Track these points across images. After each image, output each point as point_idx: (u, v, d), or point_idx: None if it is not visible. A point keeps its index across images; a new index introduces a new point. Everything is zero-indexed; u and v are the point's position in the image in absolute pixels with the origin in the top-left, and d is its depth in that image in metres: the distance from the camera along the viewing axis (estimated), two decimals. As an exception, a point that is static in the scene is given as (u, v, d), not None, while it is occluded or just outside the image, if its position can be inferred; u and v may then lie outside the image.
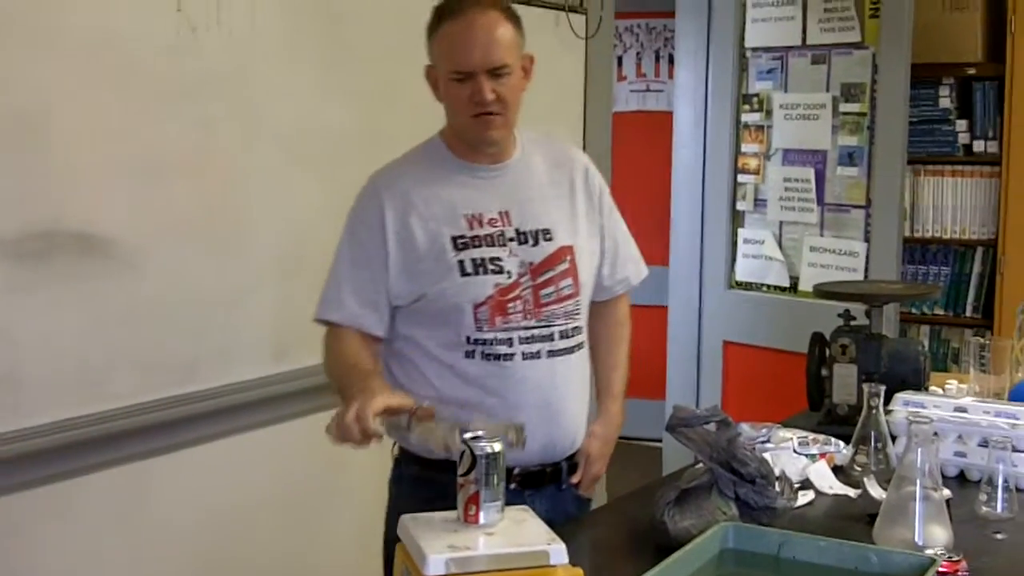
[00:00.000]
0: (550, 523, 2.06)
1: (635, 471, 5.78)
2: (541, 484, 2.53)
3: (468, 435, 1.97)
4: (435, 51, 2.46)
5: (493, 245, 2.45)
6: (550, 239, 2.51)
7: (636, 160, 6.31)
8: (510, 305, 2.44)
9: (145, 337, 3.02)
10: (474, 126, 2.44)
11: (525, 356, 2.46)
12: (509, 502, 2.00)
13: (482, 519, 1.93)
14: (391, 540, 2.26)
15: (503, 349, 2.45)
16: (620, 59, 6.87)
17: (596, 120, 4.78)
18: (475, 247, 2.44)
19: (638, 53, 6.91)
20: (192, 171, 3.12)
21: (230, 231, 3.24)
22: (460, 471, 1.94)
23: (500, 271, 2.44)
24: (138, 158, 2.98)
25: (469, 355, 2.45)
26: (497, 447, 1.94)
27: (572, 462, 2.60)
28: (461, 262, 2.42)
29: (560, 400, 2.53)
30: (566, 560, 1.87)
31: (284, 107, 3.36)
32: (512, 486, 2.32)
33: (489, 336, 2.44)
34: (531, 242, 2.49)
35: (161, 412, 3.05)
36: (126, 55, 2.93)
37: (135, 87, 2.96)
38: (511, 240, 2.47)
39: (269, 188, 3.33)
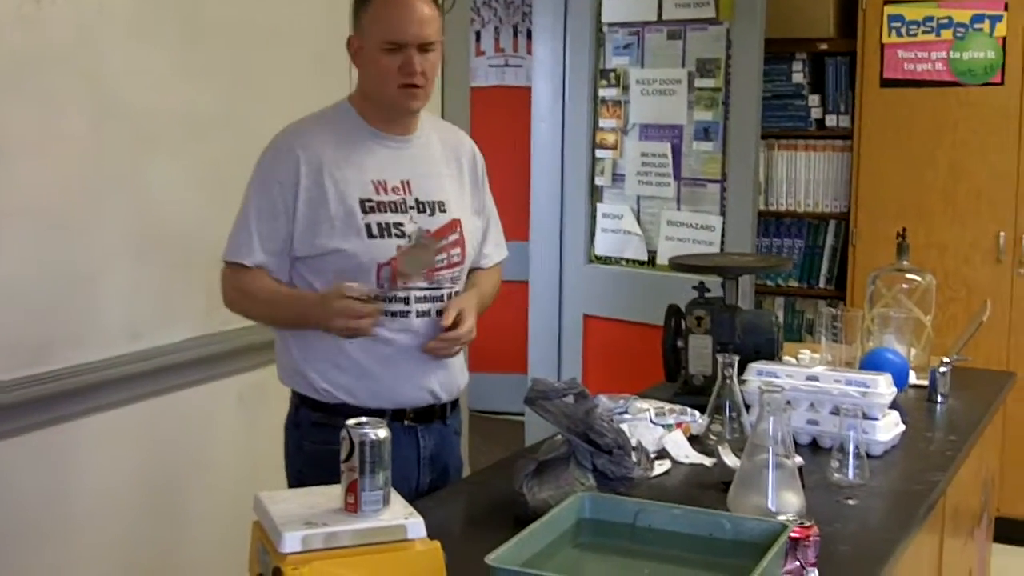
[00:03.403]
0: (436, 455, 2.77)
1: (498, 445, 5.82)
2: (431, 420, 2.77)
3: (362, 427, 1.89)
4: (366, 19, 2.64)
5: (396, 211, 2.66)
6: (444, 211, 2.74)
7: (495, 135, 6.28)
8: None
9: (-7, 318, 2.96)
10: (400, 96, 2.65)
11: (419, 314, 2.69)
12: (401, 439, 2.00)
13: (362, 509, 1.87)
14: (298, 482, 2.54)
15: (399, 307, 2.67)
16: (478, 33, 6.86)
17: (454, 95, 4.76)
18: (380, 212, 2.65)
19: (496, 27, 6.91)
20: (38, 149, 3.04)
21: (81, 211, 3.16)
22: (342, 456, 1.88)
23: (402, 235, 2.65)
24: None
25: None
26: (382, 434, 1.88)
27: (453, 402, 2.84)
28: (368, 225, 2.62)
29: None
30: (424, 534, 1.88)
31: (136, 85, 3.28)
32: (406, 423, 2.69)
33: (388, 294, 2.65)
34: (428, 212, 2.71)
35: (13, 393, 2.98)
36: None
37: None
38: (411, 208, 2.69)
39: (121, 168, 3.26)
